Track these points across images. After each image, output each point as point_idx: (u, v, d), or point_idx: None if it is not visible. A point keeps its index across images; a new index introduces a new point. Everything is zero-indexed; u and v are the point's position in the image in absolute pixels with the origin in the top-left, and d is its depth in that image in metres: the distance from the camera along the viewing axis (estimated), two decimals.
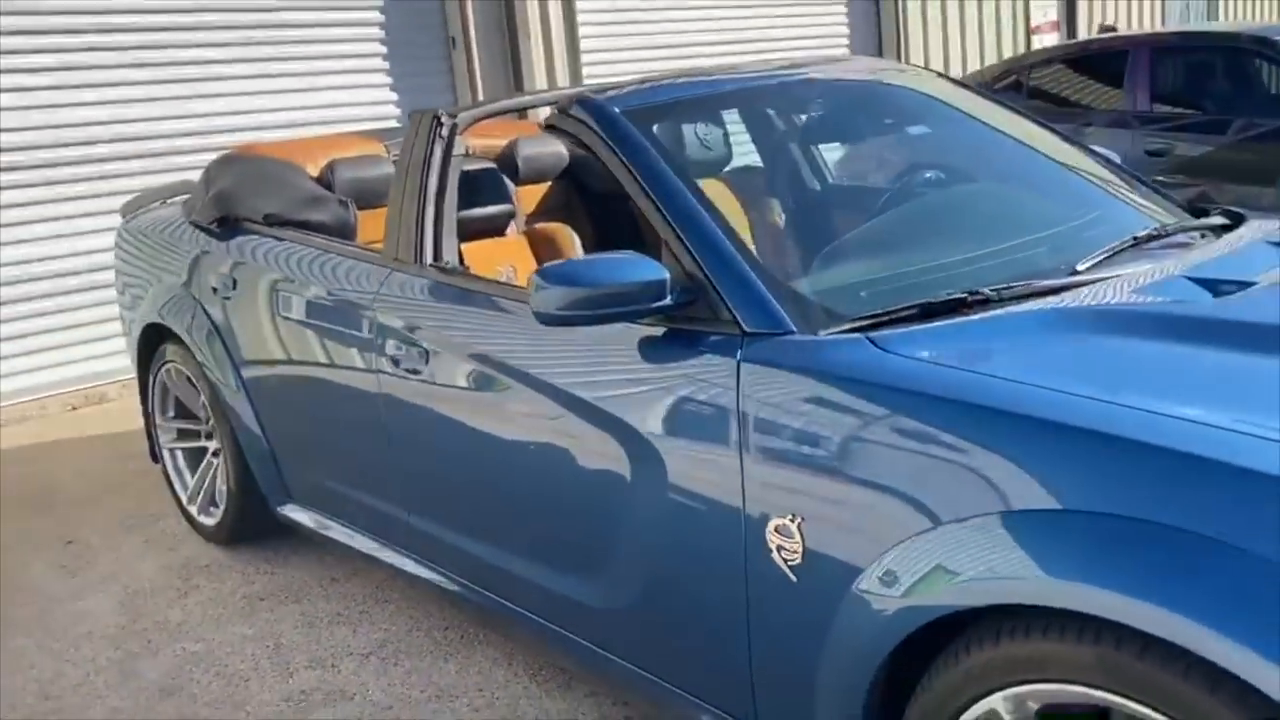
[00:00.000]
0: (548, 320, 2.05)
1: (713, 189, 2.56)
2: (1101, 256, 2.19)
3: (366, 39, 6.67)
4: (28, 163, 5.47)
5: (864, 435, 1.74)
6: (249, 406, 3.37)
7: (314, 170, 3.59)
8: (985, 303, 1.98)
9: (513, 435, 2.40)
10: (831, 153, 3.03)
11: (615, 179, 2.29)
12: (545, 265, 2.06)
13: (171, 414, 3.88)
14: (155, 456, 3.97)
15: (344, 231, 3.31)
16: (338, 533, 3.17)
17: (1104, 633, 1.43)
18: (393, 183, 2.88)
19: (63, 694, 2.88)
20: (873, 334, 1.87)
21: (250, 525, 3.60)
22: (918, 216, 2.58)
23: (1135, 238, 2.32)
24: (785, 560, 1.83)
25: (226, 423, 3.46)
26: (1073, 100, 6.58)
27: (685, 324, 2.05)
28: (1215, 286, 2.00)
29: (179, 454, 3.90)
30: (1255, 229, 2.45)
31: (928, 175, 2.76)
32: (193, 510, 3.81)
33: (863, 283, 2.18)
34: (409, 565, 2.89)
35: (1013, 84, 6.82)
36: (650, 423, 2.06)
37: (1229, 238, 2.39)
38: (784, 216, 2.70)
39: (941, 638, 1.65)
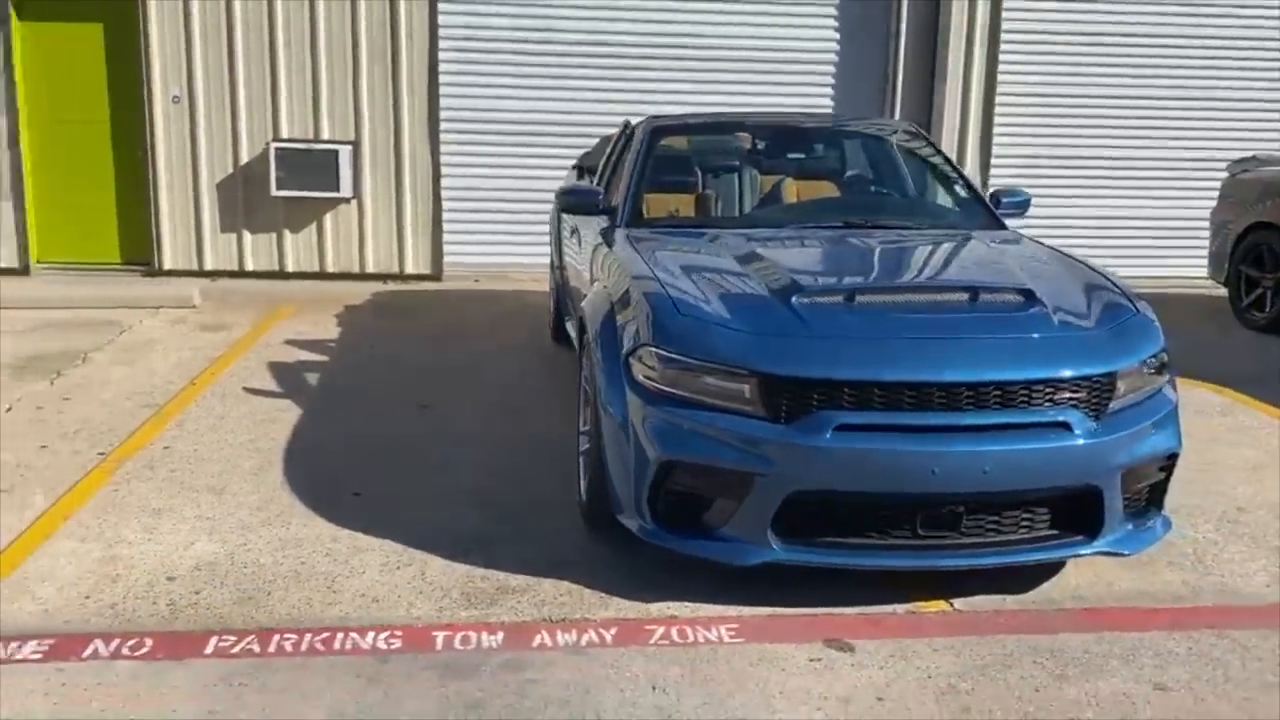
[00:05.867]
0: (560, 208, 4.88)
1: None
2: (810, 225, 4.44)
3: (820, 73, 9.40)
4: (533, 132, 9.19)
5: (587, 259, 4.38)
6: (557, 263, 6.51)
7: None
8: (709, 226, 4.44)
9: (581, 261, 5.22)
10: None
11: None
12: (563, 185, 4.90)
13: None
14: None
15: None
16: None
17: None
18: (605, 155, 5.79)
19: (398, 356, 6.29)
20: (631, 229, 4.44)
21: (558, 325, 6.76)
22: (756, 199, 4.90)
23: (846, 222, 4.47)
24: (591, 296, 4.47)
25: (554, 272, 6.66)
26: None
27: (609, 219, 4.74)
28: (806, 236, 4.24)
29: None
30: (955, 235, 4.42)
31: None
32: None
33: (677, 216, 4.71)
34: None
35: None
36: (593, 256, 4.76)
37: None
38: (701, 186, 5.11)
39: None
